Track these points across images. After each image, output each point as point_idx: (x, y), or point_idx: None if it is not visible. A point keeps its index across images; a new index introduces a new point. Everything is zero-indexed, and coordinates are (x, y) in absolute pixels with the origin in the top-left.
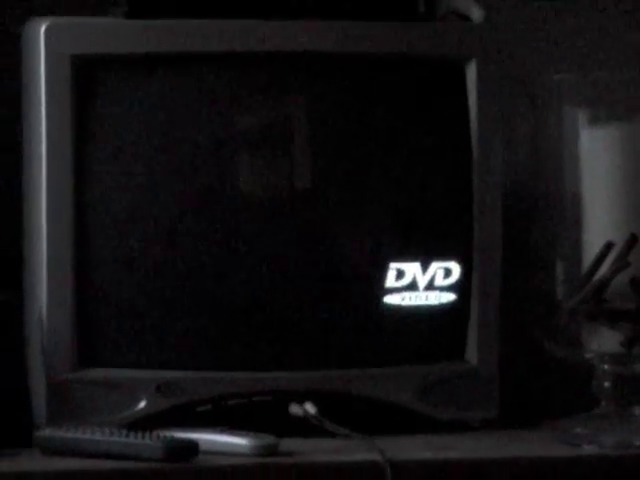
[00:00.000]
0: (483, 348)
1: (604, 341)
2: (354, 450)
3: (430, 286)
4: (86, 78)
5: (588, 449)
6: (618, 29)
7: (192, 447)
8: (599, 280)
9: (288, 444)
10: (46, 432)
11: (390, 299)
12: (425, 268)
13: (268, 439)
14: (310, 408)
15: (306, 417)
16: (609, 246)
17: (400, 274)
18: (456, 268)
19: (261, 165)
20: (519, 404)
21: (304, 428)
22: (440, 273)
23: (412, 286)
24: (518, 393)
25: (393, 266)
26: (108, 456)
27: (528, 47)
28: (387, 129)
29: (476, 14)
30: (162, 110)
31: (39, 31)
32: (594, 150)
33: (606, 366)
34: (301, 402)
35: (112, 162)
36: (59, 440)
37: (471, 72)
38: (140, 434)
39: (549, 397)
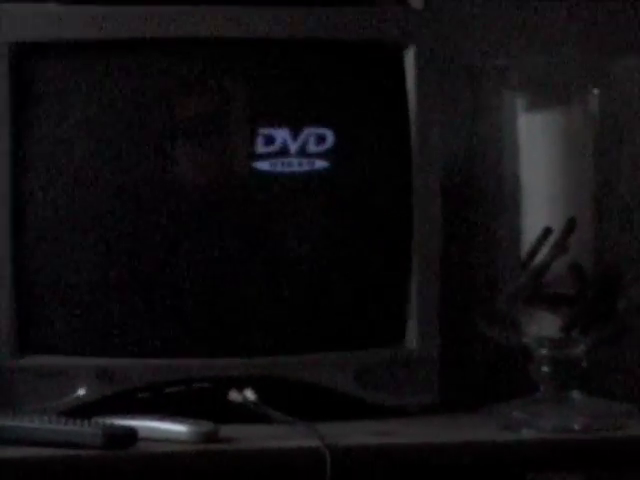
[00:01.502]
0: (423, 332)
1: (543, 326)
2: (294, 436)
3: None
4: (24, 65)
5: (527, 433)
6: (557, 14)
7: (131, 434)
8: (538, 265)
9: (228, 431)
10: None
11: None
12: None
13: (208, 426)
14: (249, 394)
15: (245, 403)
16: (548, 231)
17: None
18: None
19: (201, 152)
20: (459, 389)
21: (244, 414)
22: None
23: None
24: (458, 378)
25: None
26: (47, 444)
27: (467, 32)
28: (326, 114)
29: None
30: (101, 98)
31: None
32: (532, 135)
33: (544, 350)
34: (240, 389)
35: (51, 150)
36: None
37: (410, 57)
38: (79, 421)
39: (489, 382)
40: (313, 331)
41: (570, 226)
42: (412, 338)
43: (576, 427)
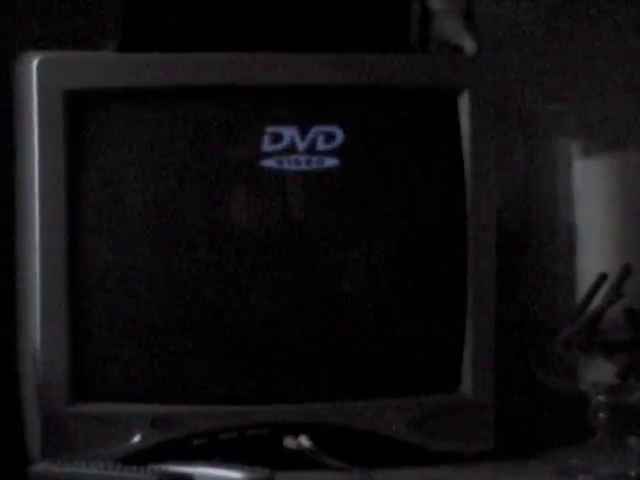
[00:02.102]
0: (478, 380)
1: (599, 372)
2: None
3: None
4: (79, 113)
5: (584, 479)
6: (611, 60)
7: None
8: (593, 311)
9: (283, 478)
10: (40, 467)
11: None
12: None
13: (263, 472)
14: (305, 441)
15: (301, 450)
16: (603, 277)
17: None
18: None
19: (254, 198)
20: (514, 435)
21: (299, 461)
22: None
23: None
24: (513, 424)
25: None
26: None
27: (521, 78)
28: (380, 161)
29: (469, 45)
30: (155, 144)
31: (31, 66)
32: (587, 181)
33: (601, 397)
34: (296, 435)
35: (106, 197)
36: (54, 475)
37: (464, 103)
38: (135, 468)
39: (544, 428)
40: (368, 378)
41: (625, 272)
42: (467, 385)
43: (633, 474)
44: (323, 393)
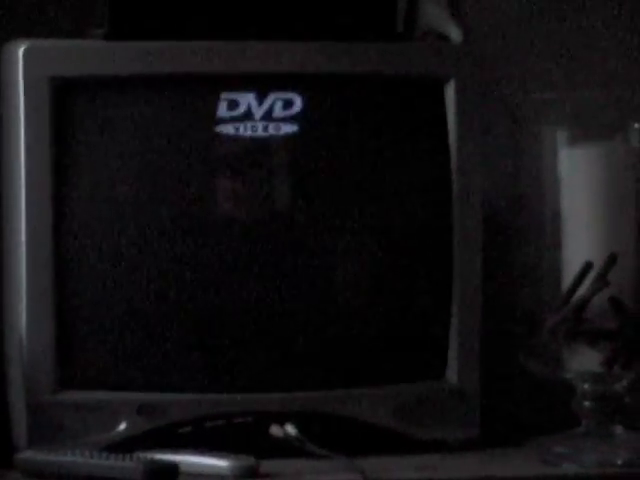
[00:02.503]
0: (464, 367)
1: (584, 360)
2: (335, 471)
3: None
4: (65, 101)
5: (569, 468)
6: (597, 49)
7: (172, 469)
8: (579, 299)
9: (269, 465)
10: (27, 454)
11: None
12: None
13: (248, 460)
14: (290, 429)
15: (287, 438)
16: (589, 265)
17: None
18: None
19: (242, 186)
20: (500, 423)
21: (285, 449)
22: None
23: None
24: (499, 412)
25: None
26: (88, 478)
27: (507, 67)
28: (366, 149)
29: (454, 33)
30: (141, 132)
31: (17, 53)
32: (573, 169)
33: (586, 385)
34: (281, 423)
35: (92, 185)
36: (40, 462)
37: (450, 92)
38: (120, 456)
39: (530, 416)
40: (353, 366)
41: (611, 261)
42: (453, 372)
43: (618, 462)
44: (309, 381)
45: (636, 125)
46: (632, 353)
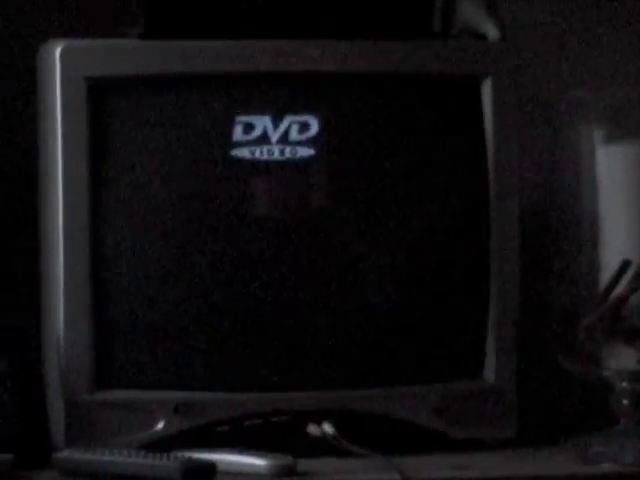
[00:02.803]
0: (501, 366)
1: (622, 359)
2: (372, 469)
3: None
4: (101, 100)
5: (607, 467)
6: (633, 47)
7: (210, 468)
8: (616, 298)
9: (306, 464)
10: (64, 454)
11: None
12: None
13: (286, 459)
14: (328, 428)
15: (324, 437)
16: (626, 264)
17: None
18: None
19: (276, 185)
20: (537, 422)
21: (322, 448)
22: None
23: None
24: (536, 411)
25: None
26: (126, 477)
27: (544, 65)
28: (403, 148)
29: (491, 32)
30: (178, 131)
31: (54, 53)
32: (610, 168)
33: (624, 383)
34: (319, 422)
35: (129, 183)
36: (77, 462)
37: (487, 90)
38: (158, 455)
39: (567, 415)
40: (391, 365)
41: None
42: (490, 372)
43: None
44: (346, 380)
45: None
46: None
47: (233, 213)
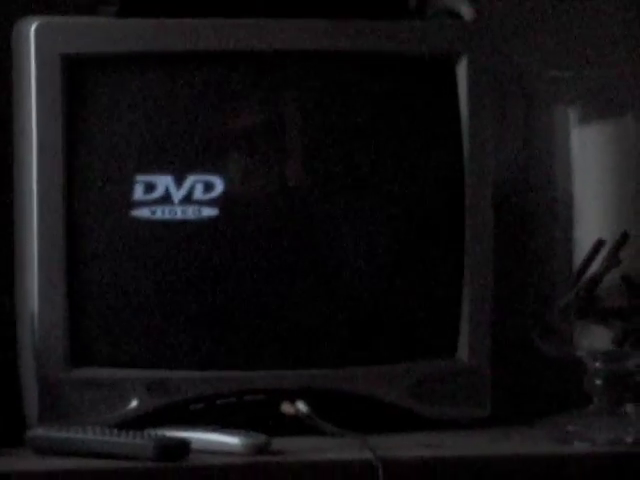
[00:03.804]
0: (475, 345)
1: (596, 339)
2: (346, 448)
3: None
4: (76, 78)
5: (580, 446)
6: (609, 27)
7: (183, 446)
8: (590, 278)
9: (280, 443)
10: (37, 431)
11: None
12: None
13: (260, 438)
14: (302, 406)
15: (298, 415)
16: (600, 244)
17: None
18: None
19: (252, 164)
20: (511, 402)
21: (296, 426)
22: None
23: None
24: (510, 391)
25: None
26: (99, 455)
27: (519, 45)
28: (378, 127)
29: (466, 12)
30: (153, 109)
31: (29, 30)
32: (585, 148)
33: (598, 363)
34: (293, 400)
35: (103, 161)
36: (50, 439)
37: (462, 70)
38: (131, 433)
39: (541, 395)
40: (365, 343)
41: (622, 239)
42: (464, 351)
43: (629, 440)
44: (320, 359)
45: None
46: None
47: (202, 195)
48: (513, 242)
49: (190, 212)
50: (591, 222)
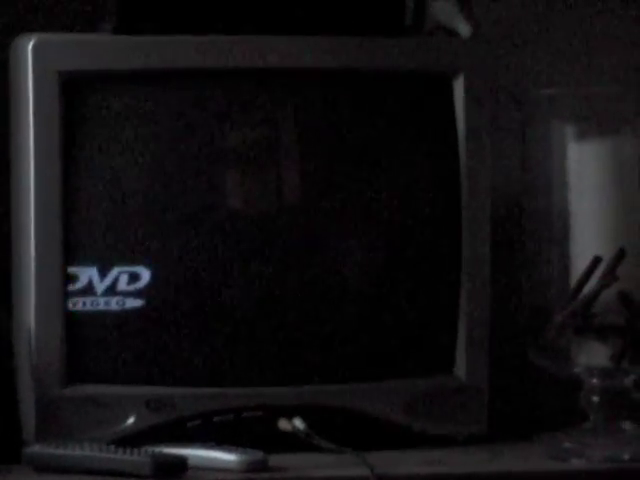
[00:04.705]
0: (472, 362)
1: (593, 355)
2: (343, 465)
3: None
4: (74, 95)
5: (577, 463)
6: (605, 45)
7: (181, 463)
8: (587, 294)
9: (277, 460)
10: (35, 449)
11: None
12: None
13: (257, 454)
14: (299, 423)
15: (295, 432)
16: (597, 260)
17: None
18: None
19: (250, 180)
20: (508, 418)
21: (293, 443)
22: None
23: None
24: (507, 407)
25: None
26: (97, 472)
27: (516, 62)
28: (375, 144)
29: (463, 29)
30: (151, 126)
31: (27, 47)
32: (582, 165)
33: (595, 380)
34: (290, 417)
35: (100, 178)
36: (48, 456)
37: (459, 86)
38: (129, 450)
39: (538, 411)
40: (363, 360)
41: (619, 255)
42: (461, 368)
43: (626, 457)
44: (317, 375)
45: None
46: None
47: (200, 206)
48: (510, 258)
49: None
50: (588, 238)
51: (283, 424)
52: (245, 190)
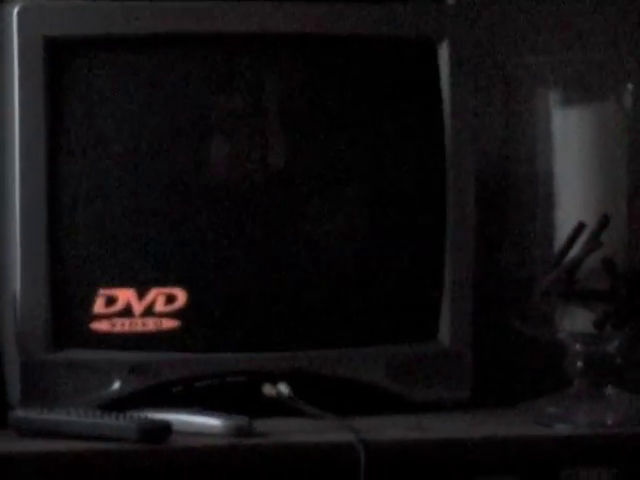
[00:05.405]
0: (456, 328)
1: (576, 321)
2: (328, 430)
3: None
4: (59, 60)
5: (561, 428)
6: (590, 11)
7: (165, 428)
8: (571, 260)
9: (261, 425)
10: (20, 413)
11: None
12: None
13: (242, 420)
14: (284, 389)
15: (280, 398)
16: (581, 227)
17: None
18: None
19: (236, 147)
20: (492, 384)
21: (277, 409)
22: None
23: None
24: (491, 373)
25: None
26: (82, 437)
27: (501, 28)
28: (359, 109)
29: None
30: (136, 92)
31: (12, 13)
32: (566, 131)
33: (578, 346)
34: (275, 383)
35: (86, 144)
36: (33, 421)
37: (443, 52)
38: (114, 415)
39: (522, 377)
40: (347, 326)
41: (603, 222)
42: (445, 333)
43: (609, 422)
44: (301, 341)
45: (629, 86)
46: (624, 314)
47: (194, 174)
48: (494, 225)
49: None
50: (572, 205)
51: (268, 389)
52: (231, 157)
